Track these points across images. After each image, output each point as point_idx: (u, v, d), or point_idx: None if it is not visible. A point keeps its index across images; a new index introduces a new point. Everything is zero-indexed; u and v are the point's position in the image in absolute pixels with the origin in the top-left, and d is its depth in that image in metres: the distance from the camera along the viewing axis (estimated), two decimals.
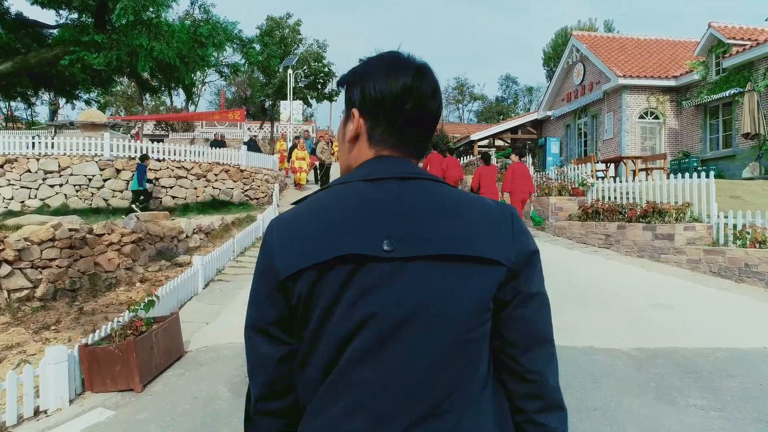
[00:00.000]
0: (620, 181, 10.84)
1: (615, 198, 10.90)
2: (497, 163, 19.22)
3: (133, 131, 48.89)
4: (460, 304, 0.95)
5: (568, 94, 23.69)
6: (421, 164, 1.16)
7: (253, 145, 23.76)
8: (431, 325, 0.94)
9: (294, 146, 17.96)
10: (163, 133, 47.45)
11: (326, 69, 34.77)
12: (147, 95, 27.69)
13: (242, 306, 6.76)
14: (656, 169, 15.72)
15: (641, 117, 19.80)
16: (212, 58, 21.11)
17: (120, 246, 8.19)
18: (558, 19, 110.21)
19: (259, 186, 14.72)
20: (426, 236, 0.96)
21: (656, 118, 19.86)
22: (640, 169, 15.50)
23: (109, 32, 18.75)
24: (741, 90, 16.73)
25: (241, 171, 14.37)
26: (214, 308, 6.71)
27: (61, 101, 44.71)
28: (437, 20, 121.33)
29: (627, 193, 10.65)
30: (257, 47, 23.38)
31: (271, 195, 14.03)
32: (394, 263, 0.94)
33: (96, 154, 12.49)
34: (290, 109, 31.83)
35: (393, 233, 0.96)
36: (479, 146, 28.23)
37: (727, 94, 17.04)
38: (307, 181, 17.95)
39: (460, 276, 0.96)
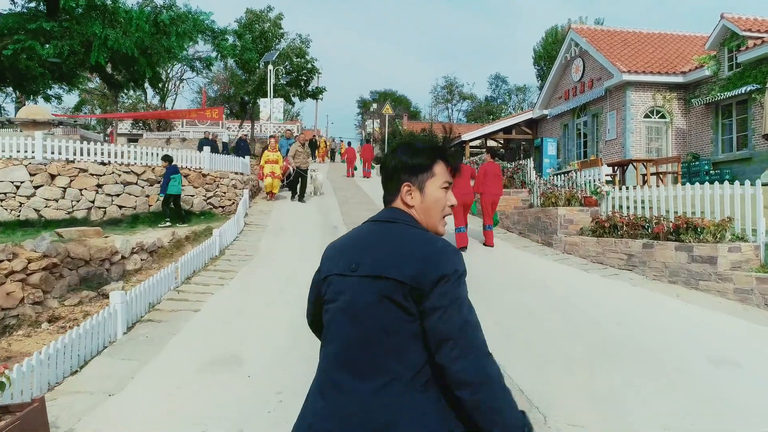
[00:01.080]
0: (640, 189, 9.23)
1: (634, 208, 9.29)
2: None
3: (108, 130, 46.85)
4: (371, 303, 1.49)
5: (566, 91, 22.15)
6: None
7: (243, 146, 21.88)
8: (355, 311, 1.52)
9: (270, 147, 15.70)
10: (141, 132, 45.43)
11: (309, 65, 33.01)
12: (122, 92, 25.73)
13: (172, 362, 5.02)
14: (669, 173, 14.19)
15: (646, 116, 18.30)
16: (179, 50, 19.31)
17: (26, 275, 6.46)
18: (548, 17, 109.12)
19: (225, 192, 12.99)
20: (366, 263, 1.53)
21: (662, 117, 18.36)
22: (652, 174, 13.96)
23: (60, 20, 16.90)
24: (758, 87, 15.25)
25: (204, 175, 12.61)
26: (129, 366, 4.99)
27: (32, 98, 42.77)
28: (425, 18, 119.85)
29: (649, 204, 9.05)
30: (230, 39, 21.63)
31: (240, 203, 12.30)
32: (351, 277, 1.55)
33: (26, 157, 10.67)
34: (271, 107, 30.04)
35: (357, 260, 1.56)
36: (471, 147, 26.63)
37: (743, 91, 15.55)
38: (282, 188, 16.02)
39: (372, 287, 1.50)
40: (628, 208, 9.43)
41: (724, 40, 16.80)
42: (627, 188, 9.60)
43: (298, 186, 15.09)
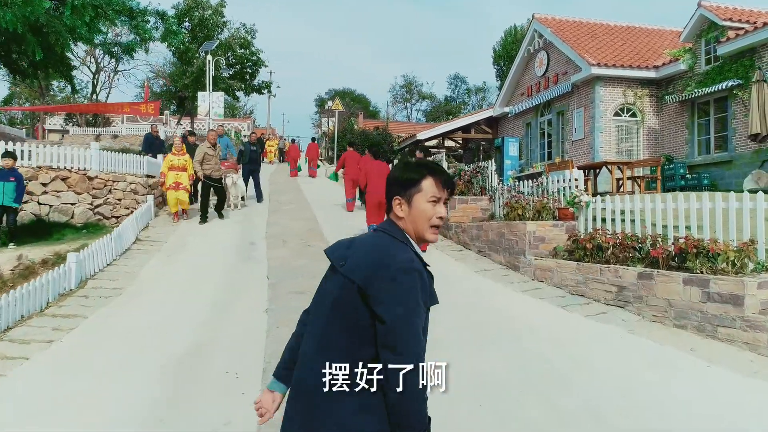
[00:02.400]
0: (628, 199, 7.30)
1: (621, 222, 7.37)
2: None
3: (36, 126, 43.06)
4: (337, 298, 1.76)
5: (529, 87, 20.40)
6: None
7: (154, 142, 19.10)
8: (327, 302, 1.80)
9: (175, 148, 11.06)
10: (81, 129, 41.77)
11: (255, 57, 30.48)
12: (27, 79, 22.62)
13: None
14: (649, 178, 12.45)
15: (616, 114, 16.64)
16: (84, 30, 16.65)
17: None
18: (509, 17, 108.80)
19: (120, 200, 10.54)
20: (348, 263, 1.79)
21: (633, 115, 16.74)
22: (628, 179, 12.20)
23: None
24: (740, 82, 13.71)
25: (90, 178, 10.13)
26: None
27: None
28: (385, 16, 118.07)
29: (641, 218, 7.13)
30: (152, 21, 19.05)
31: (134, 214, 9.88)
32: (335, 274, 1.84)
33: None
34: (210, 101, 27.37)
35: (345, 258, 1.81)
36: (426, 146, 24.66)
37: (722, 87, 13.99)
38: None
39: (337, 283, 1.79)
40: (613, 221, 7.49)
41: (702, 31, 15.25)
42: (604, 197, 7.66)
43: (213, 201, 11.60)
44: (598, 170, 12.75)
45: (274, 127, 68.49)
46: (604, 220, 7.70)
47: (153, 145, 15.25)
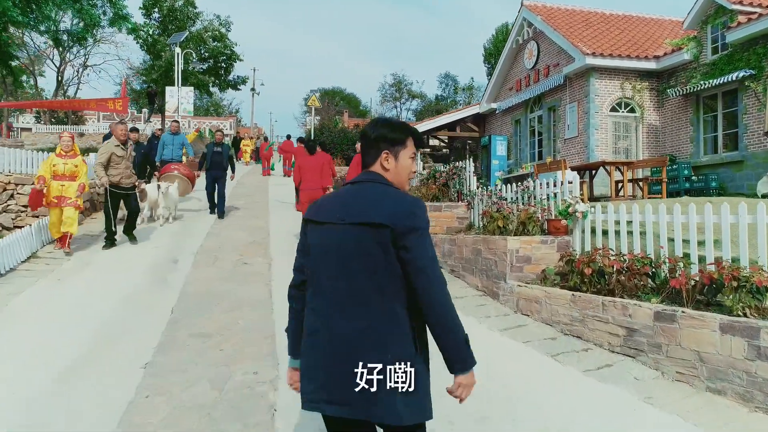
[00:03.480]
0: (637, 210, 5.66)
1: (623, 236, 5.74)
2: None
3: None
4: (358, 245, 1.91)
5: (518, 81, 18.80)
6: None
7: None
8: (345, 251, 1.93)
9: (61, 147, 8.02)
10: (48, 126, 39.72)
11: (229, 51, 28.69)
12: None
13: None
14: (652, 180, 10.84)
15: (613, 109, 15.06)
16: (15, 13, 14.83)
17: None
18: (500, 15, 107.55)
19: (28, 206, 8.79)
20: (351, 213, 1.95)
21: (632, 111, 15.16)
22: (629, 181, 10.59)
23: None
24: (752, 72, 12.16)
25: None
26: None
27: None
28: (376, 15, 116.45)
29: (653, 231, 5.51)
30: (98, 2, 17.29)
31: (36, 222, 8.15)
32: (339, 225, 1.95)
33: None
34: (178, 96, 25.61)
35: (342, 212, 1.97)
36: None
37: (732, 78, 12.42)
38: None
39: (359, 230, 1.91)
40: (617, 234, 5.86)
41: (708, 17, 13.69)
42: (605, 206, 6.00)
43: (121, 217, 8.84)
44: (594, 171, 11.14)
45: (261, 127, 66.77)
46: (605, 232, 6.06)
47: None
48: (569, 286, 5.55)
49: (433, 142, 25.32)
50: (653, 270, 5.16)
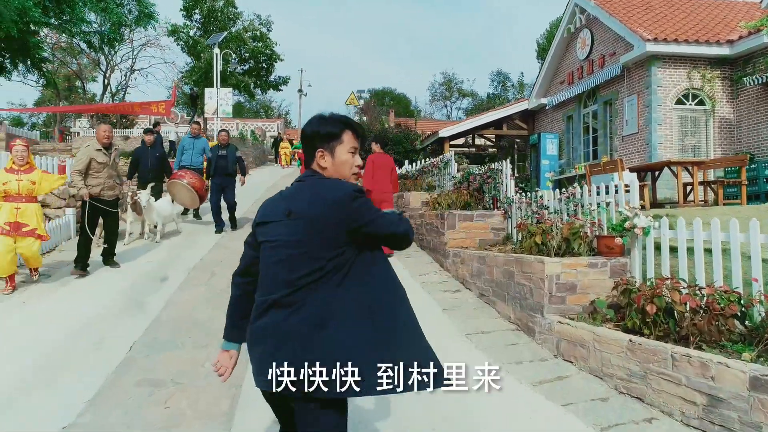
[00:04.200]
0: (714, 226, 4.28)
1: (700, 258, 4.36)
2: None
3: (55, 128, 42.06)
4: (303, 237, 1.94)
5: (570, 74, 17.20)
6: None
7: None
8: (288, 244, 1.96)
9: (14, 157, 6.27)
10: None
11: (269, 51, 28.12)
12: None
13: None
14: (728, 183, 9.22)
15: (679, 102, 13.34)
16: (37, 13, 14.44)
17: None
18: (554, 10, 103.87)
19: None
20: (296, 209, 1.97)
21: (701, 103, 13.39)
22: (699, 184, 9.02)
23: None
24: None
25: None
26: None
27: None
28: (425, 14, 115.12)
29: (739, 251, 4.13)
30: (124, 1, 16.83)
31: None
32: (284, 221, 1.99)
33: None
34: (218, 98, 25.21)
35: (291, 206, 1.99)
36: (452, 145, 21.71)
37: None
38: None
39: (303, 225, 1.94)
40: (690, 252, 4.49)
41: None
42: (674, 219, 4.62)
43: (98, 238, 7.54)
44: (657, 173, 9.60)
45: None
46: (673, 249, 4.69)
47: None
48: (626, 326, 4.23)
49: (479, 140, 23.92)
50: (742, 310, 3.80)
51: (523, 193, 7.46)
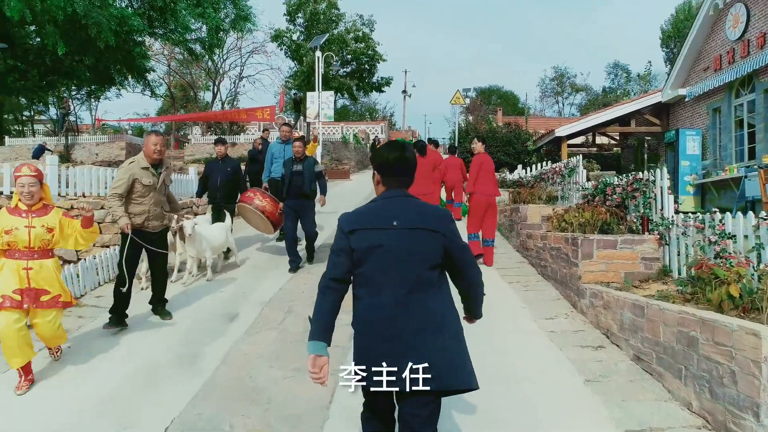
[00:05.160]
0: None
1: None
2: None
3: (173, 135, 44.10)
4: (413, 245, 2.37)
5: (717, 58, 14.51)
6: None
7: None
8: (400, 252, 2.36)
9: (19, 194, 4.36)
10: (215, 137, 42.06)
11: (371, 51, 27.22)
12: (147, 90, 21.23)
13: None
14: None
15: None
16: (136, 21, 14.23)
17: None
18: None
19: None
20: (404, 219, 2.39)
21: None
22: None
23: None
24: None
25: None
26: None
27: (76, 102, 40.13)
28: (533, 10, 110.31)
29: None
30: (221, 6, 16.42)
31: None
32: (395, 229, 2.37)
33: None
34: (319, 101, 24.67)
35: (396, 218, 2.39)
36: (570, 145, 19.51)
37: None
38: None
39: (412, 234, 2.38)
40: None
41: None
42: None
43: (144, 280, 6.71)
44: None
45: (415, 129, 65.70)
46: None
47: (255, 161, 10.43)
48: None
49: (600, 139, 21.43)
50: None
51: (686, 214, 5.59)
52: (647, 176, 6.10)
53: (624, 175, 6.92)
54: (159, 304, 5.82)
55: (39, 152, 25.57)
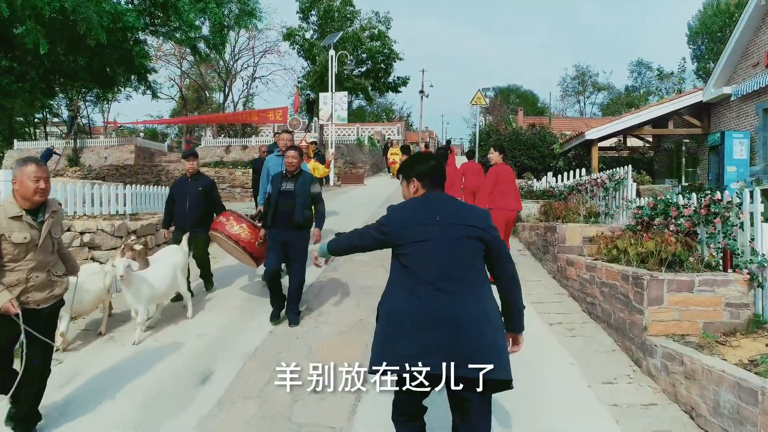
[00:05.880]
0: None
1: None
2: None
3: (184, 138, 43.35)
4: (457, 240, 2.52)
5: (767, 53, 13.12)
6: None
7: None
8: (443, 246, 2.49)
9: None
10: (226, 141, 41.17)
11: (387, 50, 26.02)
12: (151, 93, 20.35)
13: None
14: None
15: None
16: (132, 18, 13.16)
17: None
18: None
19: None
20: (446, 215, 2.56)
21: None
22: None
23: None
24: None
25: None
26: None
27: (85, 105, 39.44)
28: (554, 8, 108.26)
29: None
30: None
31: None
32: (439, 224, 2.53)
33: None
34: (332, 103, 23.60)
35: (439, 214, 2.56)
36: (601, 148, 18.13)
37: None
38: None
39: (456, 230, 2.53)
40: None
41: None
42: None
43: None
44: None
45: (433, 130, 64.36)
46: None
47: (260, 173, 8.02)
48: None
49: (632, 142, 20.01)
50: None
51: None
52: (731, 199, 4.83)
53: (694, 192, 5.64)
54: (23, 420, 3.57)
55: (47, 155, 24.85)
